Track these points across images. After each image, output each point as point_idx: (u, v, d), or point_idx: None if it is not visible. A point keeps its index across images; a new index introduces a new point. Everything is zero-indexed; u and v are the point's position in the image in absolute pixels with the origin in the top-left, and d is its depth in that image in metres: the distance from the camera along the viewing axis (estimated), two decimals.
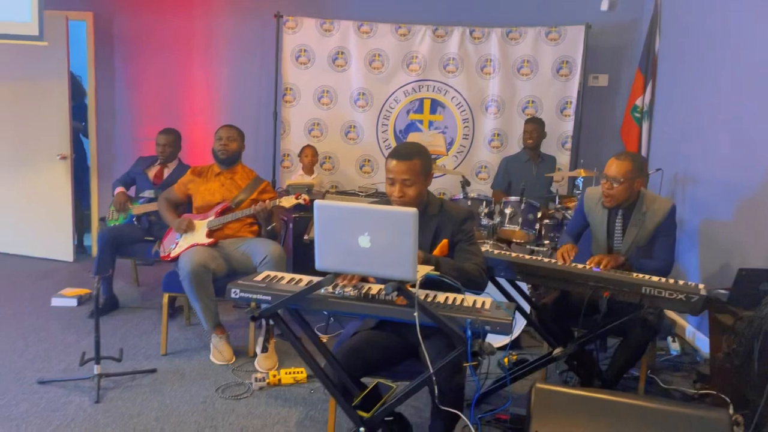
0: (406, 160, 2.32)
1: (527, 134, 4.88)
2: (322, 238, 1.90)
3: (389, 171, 2.34)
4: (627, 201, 3.01)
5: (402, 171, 2.31)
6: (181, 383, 3.13)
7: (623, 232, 3.05)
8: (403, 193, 2.33)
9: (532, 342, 3.84)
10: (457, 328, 1.88)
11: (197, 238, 3.54)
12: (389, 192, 2.37)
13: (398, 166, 2.32)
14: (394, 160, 2.33)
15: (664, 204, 3.03)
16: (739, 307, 2.66)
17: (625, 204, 3.03)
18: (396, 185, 2.33)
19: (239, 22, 5.54)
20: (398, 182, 2.32)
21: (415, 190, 2.34)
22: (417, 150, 2.40)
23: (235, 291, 2.08)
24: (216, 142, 3.69)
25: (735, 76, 3.75)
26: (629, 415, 2.12)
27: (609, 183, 2.96)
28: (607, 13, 5.33)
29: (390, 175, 2.34)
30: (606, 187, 2.97)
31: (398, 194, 2.33)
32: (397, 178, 2.32)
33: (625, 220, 3.05)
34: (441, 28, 5.33)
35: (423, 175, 2.36)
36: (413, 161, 2.33)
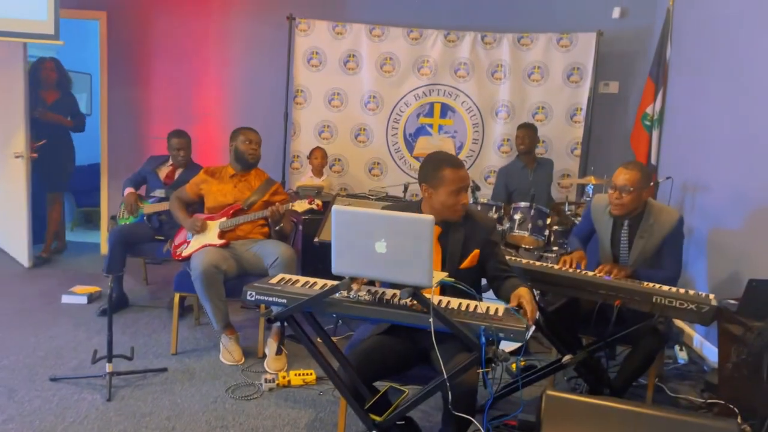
0: (464, 167, 2.44)
1: (519, 140, 4.89)
2: (339, 243, 1.92)
3: (455, 181, 2.35)
4: (634, 211, 3.02)
5: (467, 178, 2.42)
6: (192, 383, 3.15)
7: (629, 244, 3.05)
8: (467, 200, 2.41)
9: (539, 348, 3.85)
10: (471, 334, 1.89)
11: (209, 239, 3.56)
12: (454, 202, 2.37)
13: (463, 173, 2.40)
14: (456, 169, 2.38)
15: (672, 215, 3.02)
16: (748, 317, 2.66)
17: (632, 214, 3.03)
18: (463, 193, 2.40)
19: (252, 24, 5.58)
20: (465, 189, 2.40)
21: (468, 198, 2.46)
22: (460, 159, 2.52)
23: (251, 293, 2.10)
24: (244, 144, 3.67)
25: (744, 85, 3.76)
26: (639, 424, 2.13)
27: (618, 192, 2.97)
28: (619, 21, 5.34)
29: (461, 184, 2.37)
30: (615, 196, 2.98)
31: (467, 201, 2.43)
32: (464, 185, 2.39)
33: (632, 232, 3.05)
34: (452, 33, 5.36)
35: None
36: (465, 169, 2.46)
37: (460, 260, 2.40)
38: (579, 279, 2.75)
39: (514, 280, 2.38)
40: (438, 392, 2.06)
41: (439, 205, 2.39)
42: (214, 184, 3.70)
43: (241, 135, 3.69)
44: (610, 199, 3.03)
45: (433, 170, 2.38)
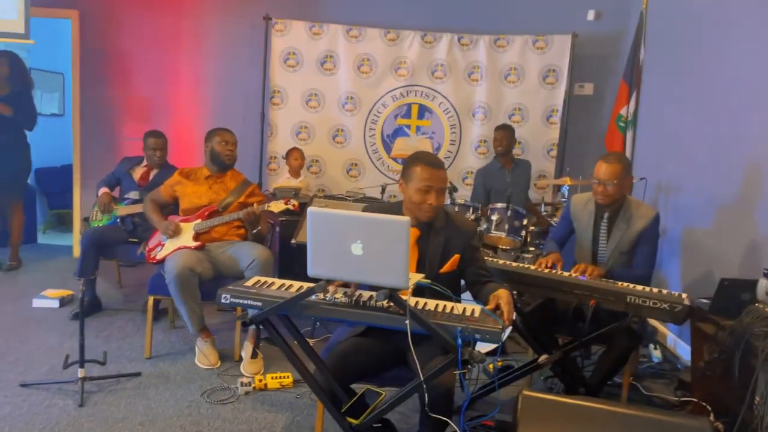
0: (440, 168, 2.33)
1: (497, 141, 4.93)
2: (315, 245, 1.90)
3: (424, 179, 2.29)
4: (616, 202, 3.07)
5: (440, 179, 2.31)
6: (166, 387, 3.11)
7: (608, 236, 3.10)
8: (439, 201, 2.32)
9: (516, 348, 3.87)
10: (447, 336, 1.89)
11: (184, 241, 3.52)
12: (420, 200, 2.31)
13: (437, 173, 2.30)
14: (430, 167, 2.30)
15: (649, 211, 3.08)
16: (720, 316, 2.70)
17: (615, 204, 3.08)
18: (432, 193, 2.30)
19: (228, 23, 5.53)
20: (435, 190, 2.30)
21: (443, 199, 2.37)
22: (441, 160, 2.43)
23: (226, 296, 2.07)
24: (220, 145, 3.63)
25: (716, 87, 3.82)
26: (614, 423, 2.15)
27: (603, 186, 3.01)
28: (593, 23, 5.40)
29: (428, 183, 2.29)
30: (600, 189, 3.02)
31: (436, 202, 2.31)
32: (435, 185, 2.30)
33: (611, 224, 3.10)
34: (429, 34, 5.37)
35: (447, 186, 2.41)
36: (444, 170, 2.36)
37: (440, 264, 2.39)
38: (555, 279, 2.77)
39: (494, 285, 2.37)
40: (415, 394, 2.05)
41: (408, 201, 2.37)
42: (189, 185, 3.65)
43: (216, 136, 3.64)
44: (595, 192, 3.07)
45: (408, 165, 2.37)
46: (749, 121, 3.46)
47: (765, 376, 2.27)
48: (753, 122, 3.42)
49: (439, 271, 2.38)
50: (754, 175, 3.38)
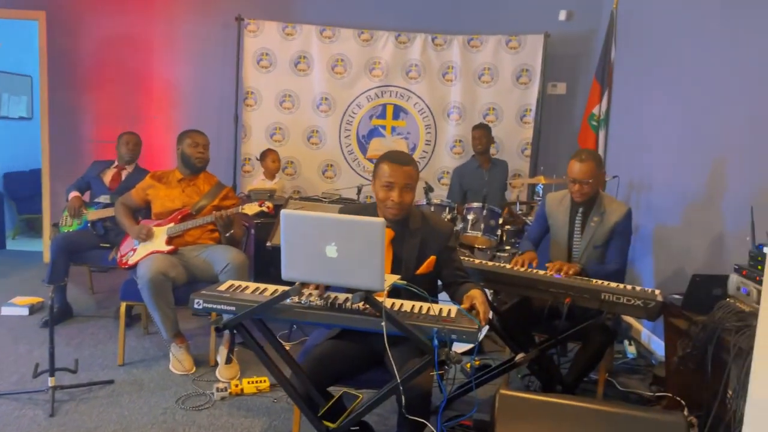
0: (405, 165, 2.29)
1: (476, 140, 4.96)
2: (289, 248, 1.88)
3: (387, 175, 2.28)
4: (594, 195, 3.12)
5: (403, 176, 2.27)
6: (140, 394, 3.05)
7: (582, 230, 3.15)
8: (402, 198, 2.28)
9: (494, 347, 3.88)
10: (423, 337, 1.88)
11: (156, 245, 3.46)
12: (384, 197, 2.30)
13: (399, 170, 2.27)
14: (393, 164, 2.28)
15: (622, 206, 3.15)
16: (693, 312, 2.73)
17: (586, 201, 3.12)
18: (395, 190, 2.27)
19: (199, 24, 5.46)
20: (398, 187, 2.27)
21: (411, 197, 2.32)
22: (411, 158, 2.39)
23: (198, 302, 2.04)
24: (191, 148, 3.57)
25: (685, 85, 3.88)
26: (590, 420, 2.17)
27: (579, 185, 3.05)
28: (565, 23, 5.45)
29: (390, 179, 2.27)
30: (577, 188, 3.07)
31: (398, 199, 2.27)
32: (397, 182, 2.27)
33: (585, 218, 3.15)
34: (403, 35, 5.37)
35: (415, 183, 2.35)
36: (412, 167, 2.32)
37: (416, 266, 2.38)
38: (530, 278, 2.79)
39: (470, 285, 2.37)
40: (393, 395, 2.04)
41: (376, 199, 2.36)
42: (161, 189, 3.60)
43: (187, 138, 3.59)
44: (571, 190, 3.12)
45: (376, 164, 2.37)
46: (715, 118, 3.51)
47: (737, 371, 2.30)
48: (718, 119, 3.48)
49: (416, 273, 2.37)
50: (720, 170, 3.43)
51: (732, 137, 3.35)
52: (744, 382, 2.18)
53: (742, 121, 3.25)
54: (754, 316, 2.28)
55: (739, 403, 2.23)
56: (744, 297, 2.53)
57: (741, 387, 2.25)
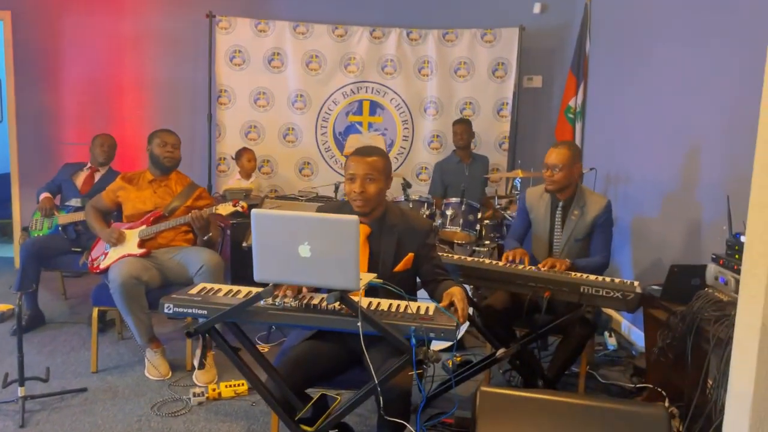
0: (367, 156, 2.28)
1: (458, 135, 4.93)
2: (261, 249, 1.83)
3: (349, 167, 2.28)
4: (567, 188, 3.12)
5: (363, 166, 2.25)
6: (114, 402, 2.97)
7: (563, 224, 3.15)
8: (364, 188, 2.25)
9: (475, 342, 3.86)
10: (401, 336, 1.85)
11: (128, 249, 3.38)
12: (349, 190, 2.29)
13: (360, 161, 2.26)
14: (355, 157, 2.28)
15: (601, 199, 3.17)
16: (671, 302, 2.73)
17: (565, 191, 3.13)
18: (357, 181, 2.25)
19: (170, 22, 5.35)
20: (359, 178, 2.25)
21: (376, 188, 2.27)
22: (379, 150, 2.36)
23: (169, 306, 1.98)
24: (159, 147, 3.49)
25: (659, 76, 3.89)
26: (571, 414, 2.15)
27: (550, 171, 3.06)
28: (540, 16, 5.44)
29: (351, 171, 2.26)
30: (548, 174, 3.08)
31: (359, 189, 2.25)
32: (357, 173, 2.25)
33: (565, 212, 3.15)
34: (378, 30, 5.32)
35: (384, 174, 2.31)
36: (375, 158, 2.28)
37: (393, 263, 2.34)
38: (509, 273, 2.77)
39: (449, 282, 2.34)
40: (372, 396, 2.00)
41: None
42: (132, 191, 3.51)
43: (156, 138, 3.51)
44: (543, 176, 3.12)
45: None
46: (689, 108, 3.52)
47: (717, 361, 2.30)
48: (693, 110, 3.48)
49: (393, 270, 2.33)
50: (695, 161, 3.44)
51: (707, 127, 3.35)
52: (724, 371, 2.17)
53: (717, 111, 3.26)
54: (732, 306, 2.28)
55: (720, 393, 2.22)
56: (722, 286, 2.53)
57: (721, 377, 2.24)
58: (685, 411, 2.62)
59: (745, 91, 2.97)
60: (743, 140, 2.95)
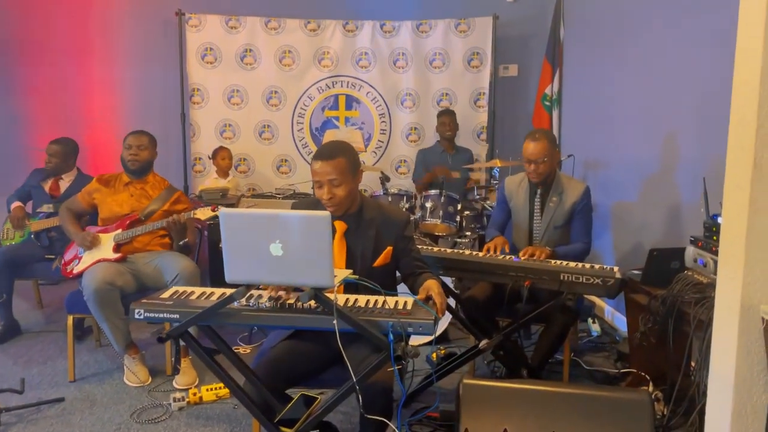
0: (329, 159, 2.20)
1: (445, 126, 4.88)
2: (231, 249, 1.78)
3: (315, 174, 2.22)
4: (550, 175, 3.10)
5: (327, 171, 2.19)
6: (92, 411, 2.91)
7: (542, 211, 3.13)
8: (333, 194, 2.20)
9: (459, 334, 3.83)
10: (378, 332, 1.81)
11: (103, 253, 3.30)
12: (318, 195, 2.25)
13: (323, 166, 2.19)
14: (318, 162, 2.21)
15: (579, 185, 3.15)
16: (652, 286, 2.73)
17: (547, 180, 3.11)
18: (324, 187, 2.21)
19: (138, 20, 5.25)
20: (326, 183, 2.20)
21: (345, 190, 2.22)
22: (340, 148, 2.29)
23: (139, 311, 1.92)
24: (125, 150, 3.42)
25: (634, 59, 3.88)
26: (555, 403, 2.14)
27: (534, 165, 3.03)
28: (513, 4, 5.42)
29: (316, 178, 2.22)
30: (533, 168, 3.04)
31: (327, 196, 2.20)
32: (323, 179, 2.20)
33: (543, 199, 3.13)
34: (351, 23, 5.26)
35: (350, 173, 2.24)
36: (338, 160, 2.21)
37: (373, 258, 2.31)
38: (489, 263, 2.75)
39: (427, 275, 2.31)
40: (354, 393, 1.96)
41: None
42: (108, 193, 3.42)
43: (125, 141, 3.45)
44: (527, 171, 3.09)
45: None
46: (665, 92, 3.52)
47: (698, 342, 2.30)
48: (668, 93, 3.48)
49: (373, 265, 2.30)
50: (672, 144, 3.44)
51: (682, 110, 3.35)
52: (706, 354, 2.17)
53: (692, 94, 3.26)
54: (712, 287, 2.28)
55: (703, 375, 2.22)
56: (701, 268, 2.53)
57: (703, 359, 2.24)
58: (669, 394, 2.62)
59: (717, 73, 2.97)
60: (717, 122, 2.94)
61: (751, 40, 1.64)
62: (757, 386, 1.74)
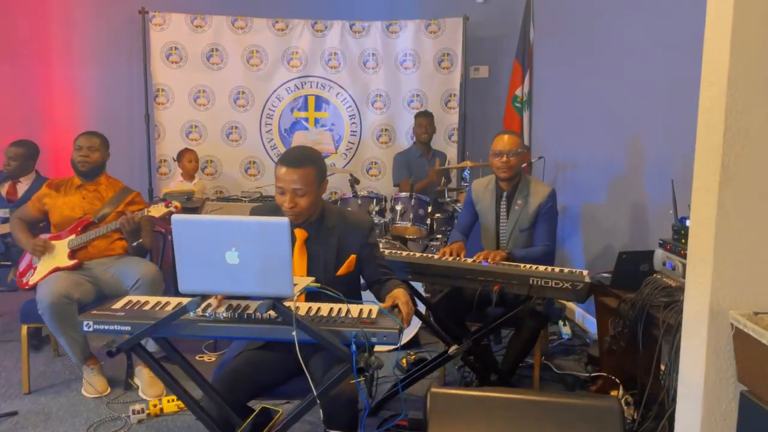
0: (297, 167, 2.09)
1: (422, 128, 4.79)
2: (184, 257, 1.69)
3: (278, 179, 2.10)
4: (515, 178, 3.08)
5: (293, 180, 2.08)
6: (47, 425, 2.78)
7: (507, 214, 3.11)
8: (295, 203, 2.10)
9: (431, 339, 3.77)
10: (340, 343, 1.74)
11: (58, 261, 3.17)
12: (279, 202, 2.14)
13: (288, 174, 2.08)
14: (283, 167, 2.09)
15: (545, 188, 3.13)
16: (621, 289, 2.71)
17: (510, 183, 3.09)
18: (287, 195, 2.09)
19: (100, 19, 5.10)
20: (289, 192, 2.09)
21: (308, 200, 2.12)
22: (309, 156, 2.17)
23: (88, 323, 1.82)
24: (75, 152, 3.31)
25: (604, 61, 3.88)
26: (524, 411, 2.09)
27: (505, 157, 3.00)
28: (483, 6, 5.40)
29: (279, 184, 2.10)
30: (503, 161, 3.01)
31: (289, 205, 2.10)
32: (287, 187, 2.09)
33: (509, 202, 3.11)
34: (320, 23, 5.19)
35: (316, 184, 2.14)
36: (306, 169, 2.10)
37: (336, 266, 2.23)
38: (458, 268, 2.71)
39: (394, 282, 2.24)
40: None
41: None
42: (58, 197, 3.29)
43: (75, 142, 3.33)
44: (496, 166, 3.06)
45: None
46: (633, 94, 3.51)
47: (668, 346, 2.28)
48: (637, 95, 3.48)
49: (336, 274, 2.22)
50: (640, 146, 3.44)
51: (651, 112, 3.35)
52: (675, 357, 2.14)
53: (661, 96, 3.25)
54: (680, 291, 2.25)
55: (672, 379, 2.20)
56: (670, 272, 2.51)
57: (672, 363, 2.22)
58: (639, 398, 2.60)
59: (686, 75, 2.96)
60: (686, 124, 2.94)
61: (718, 42, 1.62)
62: (726, 393, 1.71)
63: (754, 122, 1.60)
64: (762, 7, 1.56)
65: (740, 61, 1.57)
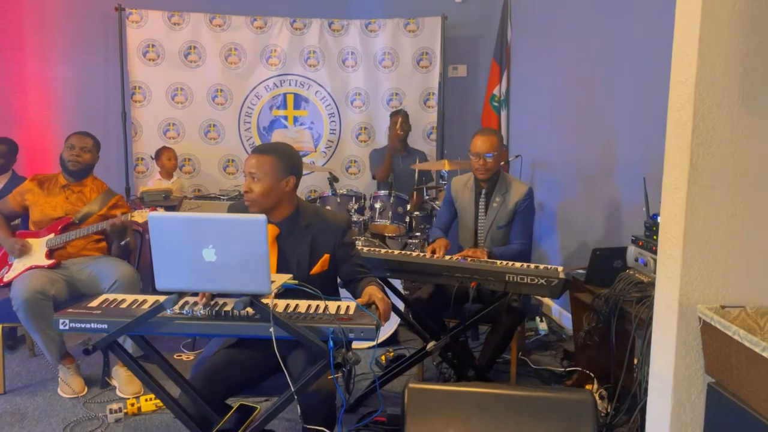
0: (260, 154, 2.18)
1: (399, 126, 4.80)
2: (161, 255, 1.69)
3: (244, 166, 2.21)
4: (494, 176, 3.12)
5: (252, 164, 2.16)
6: (22, 425, 2.75)
7: (486, 211, 3.15)
8: (249, 188, 2.16)
9: (409, 335, 3.80)
10: (317, 339, 1.75)
11: (35, 260, 3.13)
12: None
13: (251, 158, 2.18)
14: (251, 155, 2.20)
15: (523, 186, 3.18)
16: (595, 285, 2.75)
17: (489, 182, 3.12)
18: (248, 179, 2.18)
19: (76, 15, 5.02)
20: (247, 176, 2.17)
21: (261, 187, 2.15)
22: (276, 148, 2.24)
23: (64, 322, 1.82)
24: (67, 150, 3.27)
25: (580, 62, 3.93)
26: (500, 405, 2.12)
27: (483, 159, 3.03)
28: (462, 5, 5.42)
29: (244, 169, 2.20)
30: (481, 163, 3.05)
31: (245, 188, 2.18)
32: (246, 170, 2.18)
33: (488, 199, 3.15)
34: (299, 21, 5.17)
35: (275, 174, 2.16)
36: (267, 157, 2.17)
37: (309, 265, 2.24)
38: (435, 265, 2.73)
39: (369, 280, 2.26)
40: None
41: None
42: (41, 195, 3.25)
43: (67, 141, 3.29)
44: (474, 167, 3.09)
45: None
46: (606, 93, 3.57)
47: (640, 341, 2.32)
48: (610, 94, 3.53)
49: (310, 273, 2.23)
50: (613, 144, 3.50)
51: (623, 111, 3.41)
52: (646, 352, 2.19)
53: (633, 96, 3.31)
54: (652, 286, 2.30)
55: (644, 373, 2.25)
56: (642, 268, 2.56)
57: (644, 357, 2.27)
58: (613, 392, 2.65)
59: (657, 75, 3.02)
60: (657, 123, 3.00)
61: (687, 42, 1.66)
62: (695, 385, 1.76)
63: (721, 121, 1.65)
64: (728, 8, 1.61)
65: (707, 61, 1.62)
